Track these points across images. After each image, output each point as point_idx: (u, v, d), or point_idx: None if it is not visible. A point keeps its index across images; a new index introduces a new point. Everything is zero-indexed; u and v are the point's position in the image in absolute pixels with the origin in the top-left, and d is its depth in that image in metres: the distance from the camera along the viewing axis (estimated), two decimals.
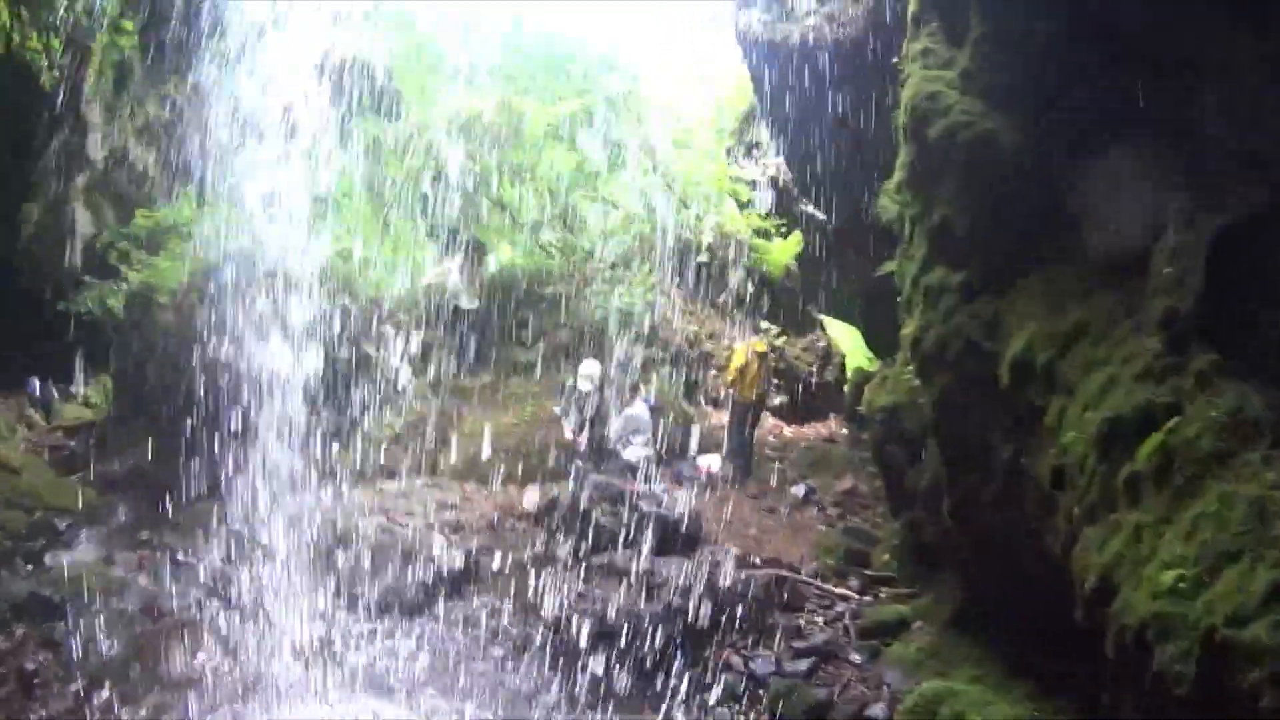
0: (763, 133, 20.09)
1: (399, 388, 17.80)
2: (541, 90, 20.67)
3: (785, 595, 13.03)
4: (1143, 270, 7.02)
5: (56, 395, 17.29)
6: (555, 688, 11.34)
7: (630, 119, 20.85)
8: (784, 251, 20.24)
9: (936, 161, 9.38)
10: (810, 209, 18.89)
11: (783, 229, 20.21)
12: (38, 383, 16.80)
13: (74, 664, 11.20)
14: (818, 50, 15.45)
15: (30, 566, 13.08)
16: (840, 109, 15.28)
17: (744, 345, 18.25)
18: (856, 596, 13.03)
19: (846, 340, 20.89)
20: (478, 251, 19.36)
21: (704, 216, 20.86)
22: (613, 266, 20.02)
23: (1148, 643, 5.40)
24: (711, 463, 17.94)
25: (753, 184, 20.72)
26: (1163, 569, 5.47)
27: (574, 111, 20.10)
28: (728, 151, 21.80)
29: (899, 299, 10.94)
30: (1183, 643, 5.12)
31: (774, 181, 20.35)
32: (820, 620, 12.66)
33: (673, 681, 11.34)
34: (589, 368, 16.19)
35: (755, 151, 21.00)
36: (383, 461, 16.46)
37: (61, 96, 16.02)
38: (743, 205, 20.89)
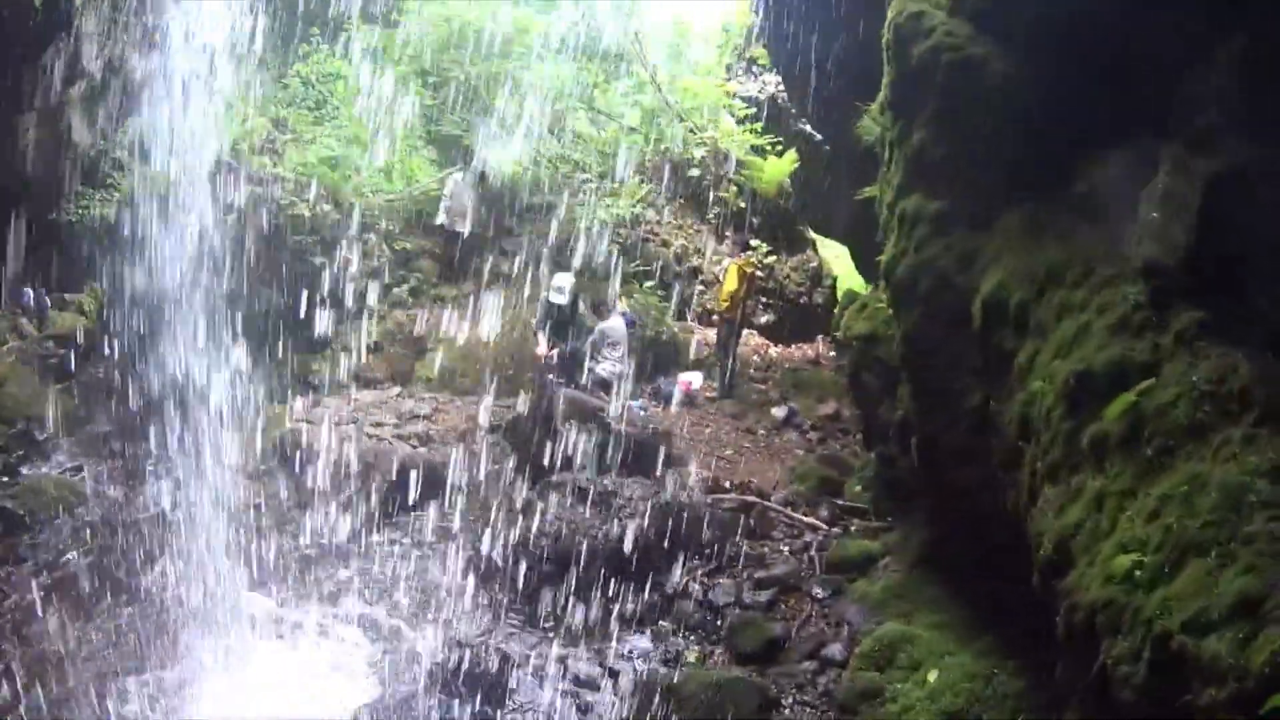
0: (762, 49, 18.95)
1: (378, 295, 17.06)
2: None
3: (752, 522, 12.38)
4: (1130, 213, 6.12)
5: (50, 304, 16.57)
6: (507, 608, 10.80)
7: (629, 31, 19.78)
8: (778, 169, 19.22)
9: (917, 84, 8.45)
10: (807, 128, 17.86)
11: (779, 147, 19.19)
12: (31, 292, 16.08)
13: (34, 577, 10.79)
14: None
15: (5, 479, 12.57)
16: (837, 28, 14.23)
17: (735, 265, 17.43)
18: (825, 527, 12.31)
19: (839, 262, 19.99)
20: (472, 162, 18.44)
21: (699, 131, 19.88)
22: (601, 177, 19.09)
23: (1098, 632, 4.64)
24: (693, 379, 17.26)
25: (750, 101, 19.65)
26: (1120, 550, 4.66)
27: (573, 21, 19.07)
28: (728, 68, 20.71)
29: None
30: (1132, 641, 4.33)
31: (772, 99, 19.27)
32: (786, 550, 12.01)
33: (628, 607, 10.79)
34: (562, 279, 15.27)
35: (755, 68, 19.89)
36: (357, 370, 15.79)
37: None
38: (740, 121, 19.86)
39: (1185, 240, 5.30)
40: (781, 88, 18.61)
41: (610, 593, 10.85)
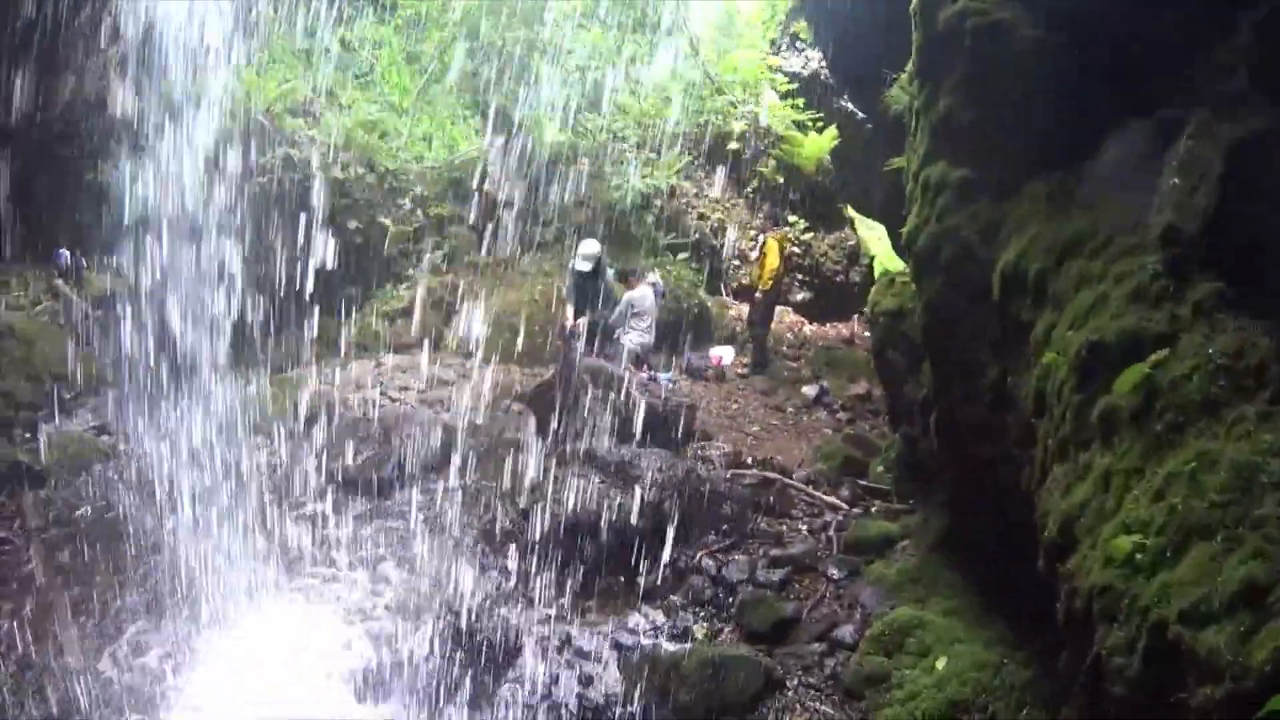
0: (804, 24, 18.41)
1: (412, 260, 16.78)
2: None
3: (772, 499, 11.98)
4: (1155, 183, 5.64)
5: (86, 265, 16.47)
6: (516, 576, 10.49)
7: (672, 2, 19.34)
8: (817, 145, 18.69)
9: (944, 49, 7.98)
10: (848, 105, 17.35)
11: (819, 123, 18.65)
12: (68, 253, 15.97)
13: (44, 530, 10.60)
14: None
15: (27, 435, 12.46)
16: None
17: (774, 241, 16.97)
18: (846, 508, 11.89)
19: (879, 243, 19.44)
20: (513, 130, 18.10)
21: (739, 104, 19.39)
22: (639, 147, 18.67)
23: (1094, 620, 4.20)
24: (724, 354, 16.86)
25: (793, 76, 19.11)
26: (1122, 531, 4.21)
27: None
28: (771, 42, 20.15)
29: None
30: (1128, 630, 3.88)
31: (815, 75, 18.74)
32: (804, 529, 11.60)
33: (639, 580, 10.46)
34: (588, 247, 14.83)
35: (799, 43, 19.33)
36: (387, 334, 15.55)
37: None
38: (782, 96, 19.34)
39: (1206, 206, 4.83)
40: (824, 63, 18.09)
41: (621, 565, 10.55)
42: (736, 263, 19.10)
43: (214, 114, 15.88)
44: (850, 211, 19.79)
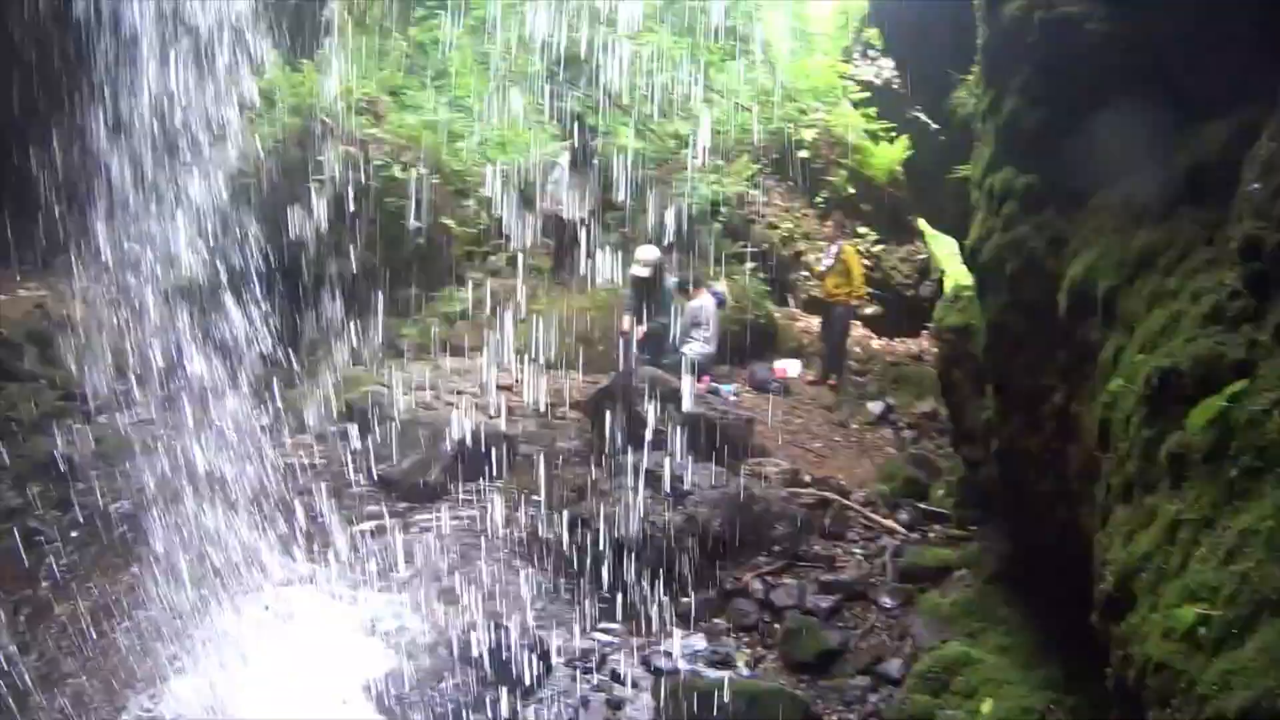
0: (876, 32, 17.65)
1: (474, 262, 16.37)
2: None
3: (828, 521, 11.33)
4: (1233, 187, 4.90)
5: (152, 259, 16.31)
6: (553, 591, 10.00)
7: (746, 7, 18.69)
8: (889, 156, 17.92)
9: (1010, 47, 7.26)
10: (921, 116, 16.56)
11: (892, 134, 17.89)
12: (135, 246, 15.82)
13: (78, 521, 10.39)
14: None
15: (77, 427, 12.22)
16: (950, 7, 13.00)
17: (853, 248, 16.32)
18: (904, 532, 11.19)
19: (952, 260, 18.60)
20: (581, 133, 17.62)
21: (810, 112, 18.68)
22: (708, 154, 18.05)
23: (1145, 699, 3.52)
24: (790, 367, 16.19)
25: (865, 85, 18.35)
26: (1186, 597, 3.53)
27: None
28: (844, 50, 19.41)
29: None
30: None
31: (887, 84, 17.95)
32: (859, 553, 10.93)
33: (682, 601, 9.88)
34: (646, 253, 14.17)
35: (871, 52, 18.56)
36: (445, 337, 15.13)
37: None
38: (854, 105, 18.62)
39: None
40: (895, 72, 17.33)
41: (665, 584, 9.97)
42: (805, 274, 18.39)
43: (274, 112, 15.64)
44: (922, 224, 18.97)
